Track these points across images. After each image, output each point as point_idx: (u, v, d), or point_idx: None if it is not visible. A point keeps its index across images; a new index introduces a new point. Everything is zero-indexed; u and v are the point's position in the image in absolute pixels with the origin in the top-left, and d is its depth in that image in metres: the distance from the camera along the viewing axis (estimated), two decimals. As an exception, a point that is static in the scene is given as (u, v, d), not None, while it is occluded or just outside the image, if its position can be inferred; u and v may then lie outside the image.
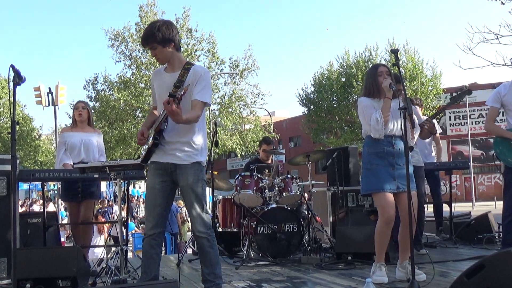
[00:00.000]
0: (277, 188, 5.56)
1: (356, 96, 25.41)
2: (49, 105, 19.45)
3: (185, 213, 12.10)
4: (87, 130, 5.09)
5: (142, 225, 13.69)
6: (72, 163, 4.86)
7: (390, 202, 3.84)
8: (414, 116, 3.91)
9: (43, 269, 3.85)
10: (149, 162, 3.39)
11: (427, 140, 6.06)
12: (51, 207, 18.83)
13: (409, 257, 3.92)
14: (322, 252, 5.31)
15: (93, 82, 24.77)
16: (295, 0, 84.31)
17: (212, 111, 23.49)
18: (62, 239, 10.88)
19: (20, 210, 18.14)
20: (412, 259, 3.44)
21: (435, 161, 6.41)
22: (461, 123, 31.97)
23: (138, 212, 17.45)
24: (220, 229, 5.81)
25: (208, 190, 5.00)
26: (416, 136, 4.10)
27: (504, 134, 4.58)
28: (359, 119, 4.14)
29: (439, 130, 6.09)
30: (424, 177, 5.37)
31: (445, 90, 26.99)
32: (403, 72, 25.03)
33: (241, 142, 25.40)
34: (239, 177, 5.69)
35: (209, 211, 3.44)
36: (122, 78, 23.91)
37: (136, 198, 20.56)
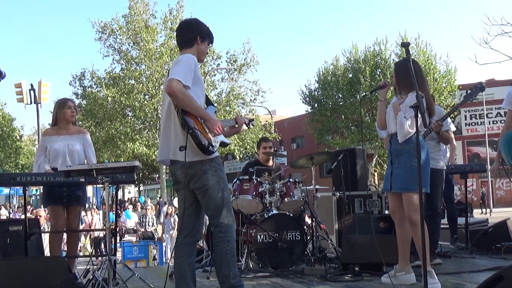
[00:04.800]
0: (278, 193, 5.56)
1: (363, 93, 25.40)
2: (31, 103, 19.51)
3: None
4: (72, 132, 5.06)
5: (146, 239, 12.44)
6: (51, 168, 4.83)
7: (391, 202, 4.31)
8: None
9: (24, 281, 3.85)
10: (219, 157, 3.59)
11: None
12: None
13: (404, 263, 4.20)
14: (327, 262, 5.30)
15: (80, 78, 24.81)
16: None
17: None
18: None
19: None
20: (424, 267, 3.45)
21: (447, 162, 6.38)
22: (477, 122, 31.98)
23: (146, 223, 14.70)
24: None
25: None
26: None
27: None
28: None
29: (453, 128, 6.05)
30: (442, 181, 5.35)
31: (460, 87, 27.01)
32: (415, 67, 25.00)
33: (240, 143, 25.42)
34: (237, 181, 5.69)
35: None
36: (111, 74, 23.93)
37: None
